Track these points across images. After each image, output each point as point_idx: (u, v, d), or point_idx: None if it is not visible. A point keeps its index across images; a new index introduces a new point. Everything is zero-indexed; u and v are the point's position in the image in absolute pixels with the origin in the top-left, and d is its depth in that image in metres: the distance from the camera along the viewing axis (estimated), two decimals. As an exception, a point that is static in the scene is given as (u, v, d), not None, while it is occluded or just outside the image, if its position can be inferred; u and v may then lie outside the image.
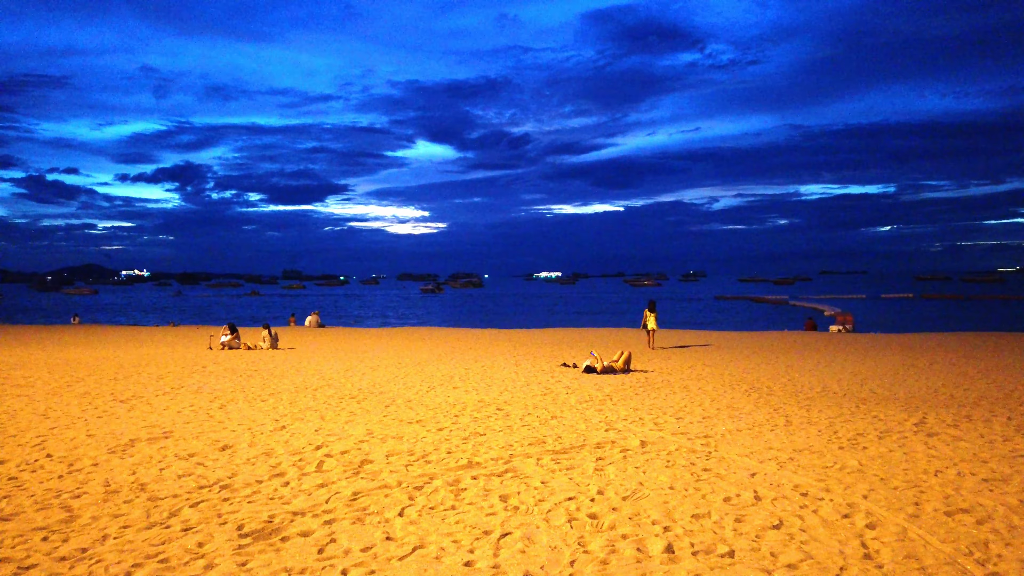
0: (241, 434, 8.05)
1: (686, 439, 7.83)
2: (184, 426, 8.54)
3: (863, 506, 5.34)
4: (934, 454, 7.20)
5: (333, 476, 6.17)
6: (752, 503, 5.40)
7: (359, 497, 5.55)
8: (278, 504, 5.36)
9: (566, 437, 7.88)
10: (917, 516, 5.14)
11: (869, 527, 4.91)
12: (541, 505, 5.34)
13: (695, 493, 5.66)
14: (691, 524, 4.96)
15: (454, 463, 6.62)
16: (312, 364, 16.79)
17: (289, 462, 6.68)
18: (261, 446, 7.41)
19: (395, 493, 5.66)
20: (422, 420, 9.02)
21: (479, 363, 17.21)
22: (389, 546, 4.56)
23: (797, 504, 5.38)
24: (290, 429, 8.39)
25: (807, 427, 8.75)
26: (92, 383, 12.71)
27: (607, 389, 12.51)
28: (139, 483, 5.94)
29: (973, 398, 11.82)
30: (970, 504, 5.42)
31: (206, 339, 23.39)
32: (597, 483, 5.94)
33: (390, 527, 4.89)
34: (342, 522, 4.99)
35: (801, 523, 4.98)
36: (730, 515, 5.14)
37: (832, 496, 5.59)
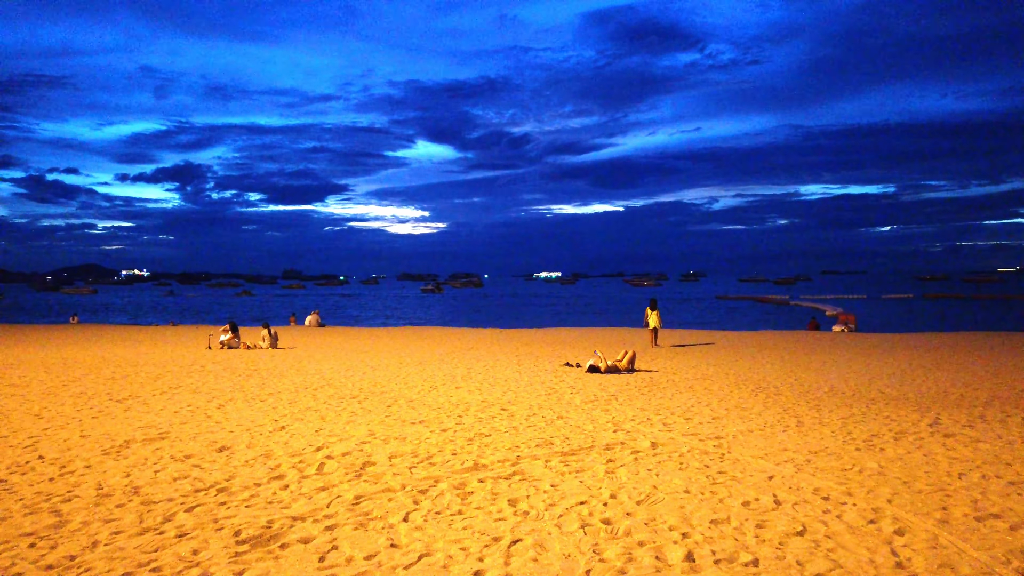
0: (239, 435, 7.81)
1: (697, 440, 7.60)
2: (181, 427, 8.31)
3: (889, 511, 5.10)
4: (954, 456, 6.97)
5: (334, 479, 5.92)
6: (772, 508, 5.16)
7: (361, 501, 5.30)
8: (277, 508, 5.12)
9: (574, 438, 7.65)
10: (946, 522, 4.90)
11: (897, 533, 4.68)
12: (552, 510, 5.10)
13: (712, 497, 5.42)
14: (710, 530, 4.72)
15: (459, 465, 6.38)
16: (312, 364, 16.56)
17: (288, 464, 6.43)
18: (260, 447, 7.17)
19: (399, 497, 5.41)
20: (425, 421, 8.78)
21: (481, 363, 16.99)
22: (394, 554, 4.32)
23: (819, 509, 5.15)
24: (290, 430, 8.15)
25: (820, 428, 8.52)
26: (88, 383, 12.49)
27: (612, 389, 12.29)
28: (132, 486, 5.70)
29: (984, 398, 11.61)
30: (1000, 509, 5.19)
31: (205, 339, 23.15)
32: (609, 486, 5.70)
33: (394, 533, 4.66)
34: (344, 528, 4.75)
35: (826, 529, 4.74)
36: (750, 521, 4.90)
37: (855, 500, 5.36)
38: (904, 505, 5.25)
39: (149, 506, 5.16)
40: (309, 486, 5.69)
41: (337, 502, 5.27)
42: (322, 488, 5.63)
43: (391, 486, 5.67)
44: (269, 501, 5.29)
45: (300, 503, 5.24)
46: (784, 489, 5.64)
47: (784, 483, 5.83)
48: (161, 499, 5.34)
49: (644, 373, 14.86)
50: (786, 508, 5.15)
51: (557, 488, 5.64)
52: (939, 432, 8.24)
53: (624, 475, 6.06)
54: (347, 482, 5.81)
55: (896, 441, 7.69)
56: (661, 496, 5.41)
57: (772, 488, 5.67)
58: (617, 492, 5.53)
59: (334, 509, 5.09)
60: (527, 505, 5.20)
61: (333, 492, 5.51)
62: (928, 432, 8.24)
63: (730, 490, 5.59)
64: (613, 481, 5.86)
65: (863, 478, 6.01)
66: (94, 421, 8.67)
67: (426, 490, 5.58)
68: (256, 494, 5.47)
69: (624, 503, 5.24)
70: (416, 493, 5.48)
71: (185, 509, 5.09)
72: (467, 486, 5.70)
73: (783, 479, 5.94)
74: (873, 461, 6.65)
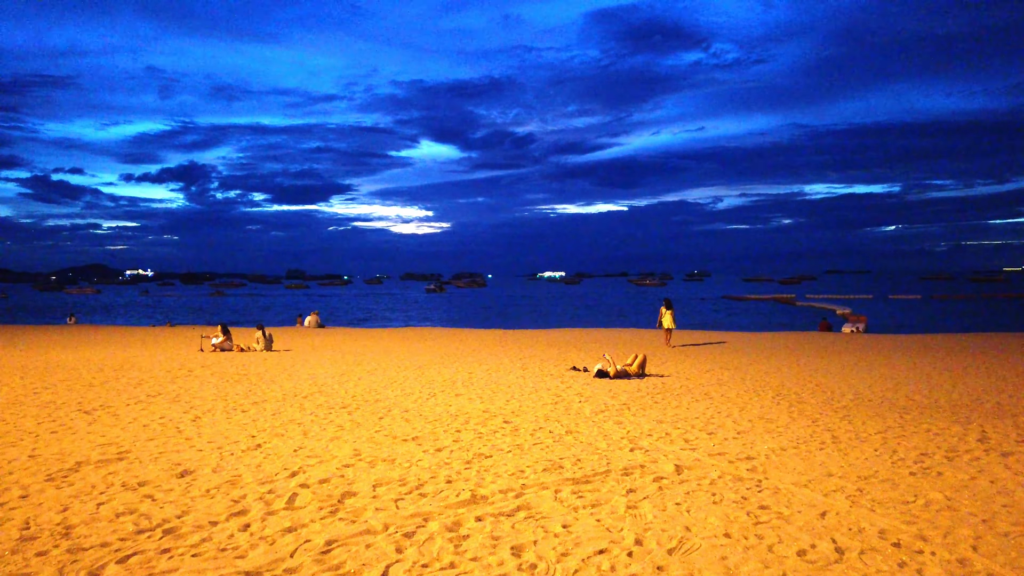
0: (208, 455, 6.90)
1: (726, 462, 6.67)
2: (145, 444, 7.41)
3: (979, 564, 4.16)
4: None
5: (305, 516, 4.99)
6: (835, 559, 4.21)
7: (333, 547, 4.37)
8: (229, 559, 4.19)
9: (586, 460, 6.72)
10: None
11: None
12: (565, 562, 4.16)
13: (758, 543, 4.48)
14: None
15: (454, 497, 5.44)
16: (306, 368, 15.69)
17: (255, 495, 5.50)
18: (227, 471, 6.25)
19: (379, 542, 4.47)
20: (419, 437, 7.85)
21: (483, 366, 16.10)
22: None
23: (893, 561, 4.20)
24: (266, 449, 7.23)
25: (859, 445, 7.60)
26: (62, 390, 11.62)
27: (623, 397, 11.38)
28: (66, 525, 4.79)
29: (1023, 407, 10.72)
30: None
31: (199, 341, 22.30)
32: (632, 527, 4.76)
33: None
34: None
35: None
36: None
37: (932, 548, 4.42)
38: (994, 554, 4.31)
39: (75, 555, 4.25)
40: (274, 526, 4.76)
41: (304, 549, 4.34)
42: (289, 529, 4.69)
43: (371, 526, 4.74)
44: (222, 548, 4.37)
45: (259, 551, 4.31)
46: (843, 531, 4.71)
47: (840, 522, 4.90)
48: (93, 544, 4.43)
49: (655, 378, 13.95)
50: (852, 560, 4.22)
51: (570, 530, 4.70)
52: (993, 450, 7.33)
53: (649, 511, 5.12)
54: (320, 520, 4.88)
55: (950, 462, 6.77)
56: (697, 542, 4.48)
57: (828, 530, 4.73)
58: (643, 536, 4.59)
59: (299, 560, 4.16)
60: (534, 555, 4.26)
61: (301, 535, 4.58)
62: (981, 450, 7.32)
63: (778, 533, 4.65)
64: (637, 520, 4.92)
65: (932, 515, 5.08)
66: (51, 437, 7.79)
67: (413, 532, 4.64)
68: (209, 537, 4.54)
69: (653, 552, 4.30)
70: (400, 537, 4.54)
71: (117, 560, 4.16)
72: (462, 526, 4.77)
73: (838, 517, 5.01)
74: (935, 490, 5.72)
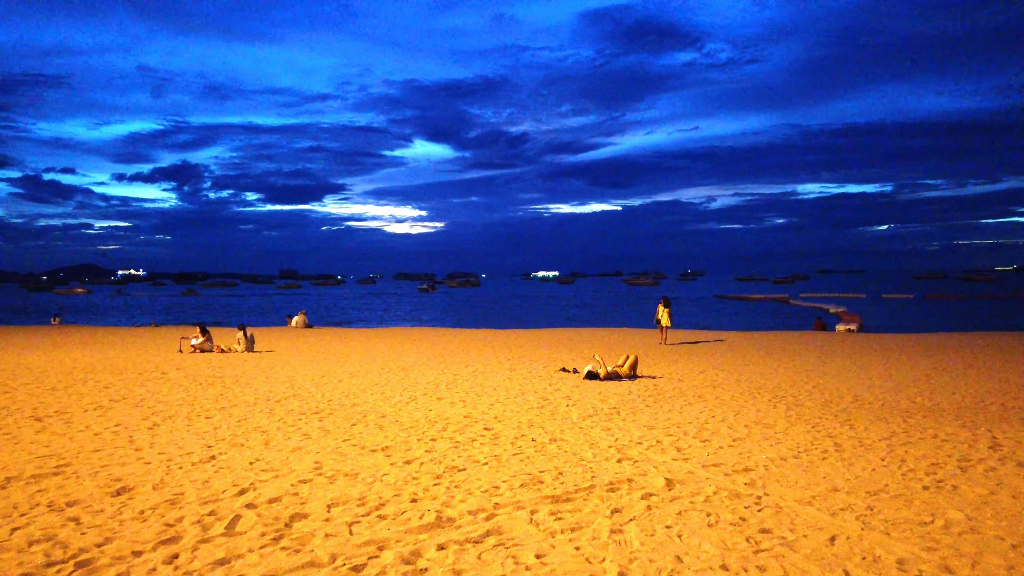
0: (154, 468, 6.28)
1: (722, 474, 6.11)
2: (89, 456, 6.79)
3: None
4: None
5: (244, 544, 4.37)
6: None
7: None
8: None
9: (569, 473, 6.14)
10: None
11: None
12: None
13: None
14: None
15: (417, 520, 4.83)
16: (286, 369, 15.08)
17: (193, 517, 4.88)
18: (170, 488, 5.64)
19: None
20: (390, 447, 7.24)
21: (470, 368, 15.53)
22: None
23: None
24: (219, 461, 6.61)
25: (864, 453, 7.06)
26: (20, 394, 10.98)
27: (613, 400, 10.83)
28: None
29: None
30: None
31: (178, 342, 21.63)
32: (616, 558, 4.17)
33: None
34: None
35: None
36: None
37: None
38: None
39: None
40: (205, 557, 4.14)
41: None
42: (221, 561, 4.08)
43: (317, 557, 4.13)
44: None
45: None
46: (856, 561, 4.13)
47: (852, 549, 4.33)
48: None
49: (647, 380, 13.41)
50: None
51: (544, 561, 4.10)
52: (1008, 460, 6.80)
53: (635, 536, 4.53)
54: (260, 549, 4.26)
55: (964, 473, 6.23)
56: (690, 575, 3.92)
57: (839, 559, 4.16)
58: (627, 568, 3.99)
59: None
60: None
61: (233, 569, 3.96)
62: (995, 459, 6.79)
63: (783, 564, 4.07)
64: (621, 548, 4.33)
65: (954, 539, 4.52)
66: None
67: (363, 565, 4.03)
68: (126, 572, 3.93)
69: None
70: (347, 571, 3.92)
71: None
72: (421, 557, 4.16)
73: (849, 542, 4.44)
74: (954, 508, 5.17)
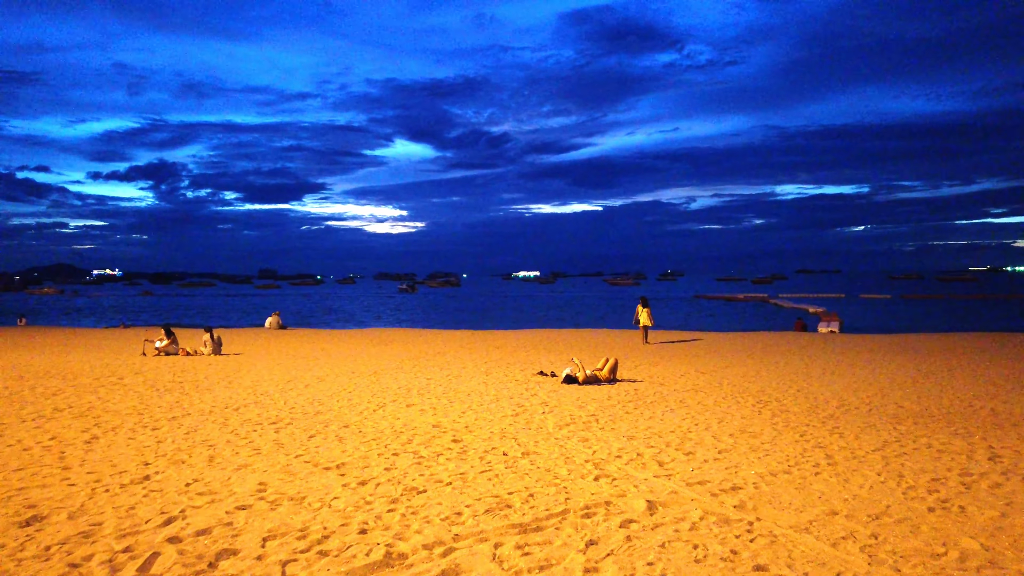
0: (78, 492, 5.68)
1: (708, 494, 5.68)
2: (8, 476, 6.14)
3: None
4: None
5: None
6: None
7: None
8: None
9: (541, 495, 5.67)
10: None
11: None
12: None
13: (749, 615, 3.49)
14: None
15: (363, 557, 4.28)
16: (251, 374, 14.48)
17: (105, 555, 4.29)
18: (88, 517, 5.03)
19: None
20: (346, 463, 6.70)
21: (444, 371, 15.04)
22: None
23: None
24: (154, 482, 6.03)
25: (859, 467, 6.69)
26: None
27: (591, 406, 10.40)
28: None
29: (1020, 414, 9.97)
30: None
31: (142, 344, 20.86)
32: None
33: None
34: None
35: None
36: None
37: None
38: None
39: None
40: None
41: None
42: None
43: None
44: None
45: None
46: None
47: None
48: None
49: (627, 384, 13.02)
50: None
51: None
52: (1012, 473, 6.44)
53: (613, 574, 4.09)
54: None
55: (968, 491, 5.85)
56: (670, 614, 3.47)
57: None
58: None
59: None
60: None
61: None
62: (998, 473, 6.44)
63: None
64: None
65: (974, 575, 4.11)
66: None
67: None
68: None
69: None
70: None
71: None
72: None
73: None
74: (965, 534, 4.74)
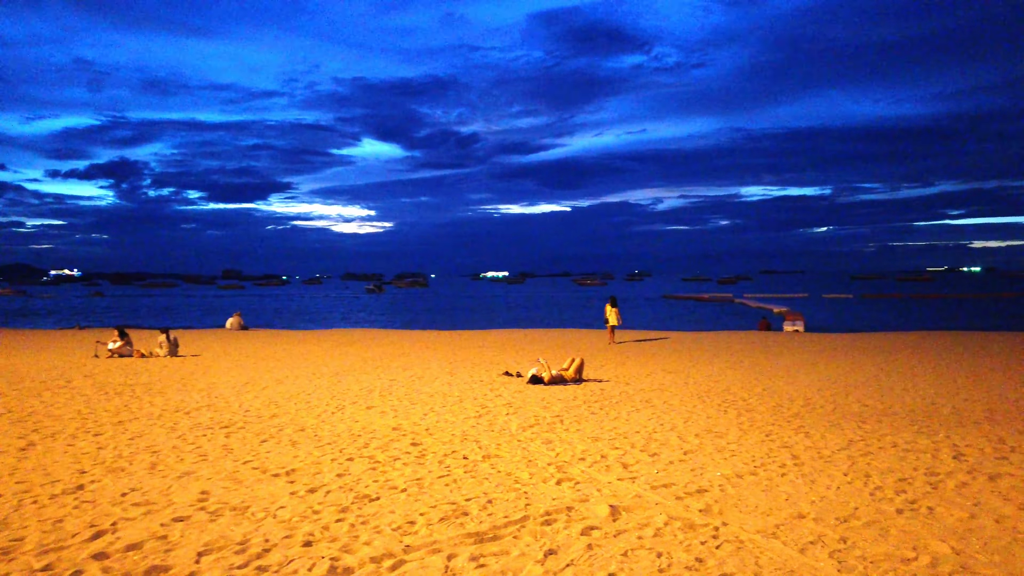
0: (2, 504, 5.19)
1: (673, 498, 5.50)
2: (-61, 485, 5.76)
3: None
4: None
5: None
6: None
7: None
8: None
9: (500, 500, 5.42)
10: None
11: None
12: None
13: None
14: None
15: (305, 572, 3.97)
16: (207, 377, 13.98)
17: (19, 575, 3.94)
18: (10, 531, 4.61)
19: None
20: (296, 470, 6.37)
21: (408, 372, 14.72)
22: None
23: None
24: (86, 492, 5.63)
25: (825, 467, 6.58)
26: None
27: (556, 407, 10.21)
28: None
29: (982, 412, 10.04)
30: None
31: (94, 346, 20.10)
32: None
33: None
34: None
35: None
36: None
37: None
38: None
39: None
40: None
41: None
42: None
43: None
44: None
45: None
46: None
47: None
48: None
49: (594, 384, 12.87)
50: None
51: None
52: (978, 472, 6.38)
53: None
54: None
55: (935, 491, 5.75)
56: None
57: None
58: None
59: None
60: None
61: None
62: (964, 472, 6.37)
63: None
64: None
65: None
66: None
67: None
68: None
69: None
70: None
71: None
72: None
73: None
74: (935, 537, 4.59)
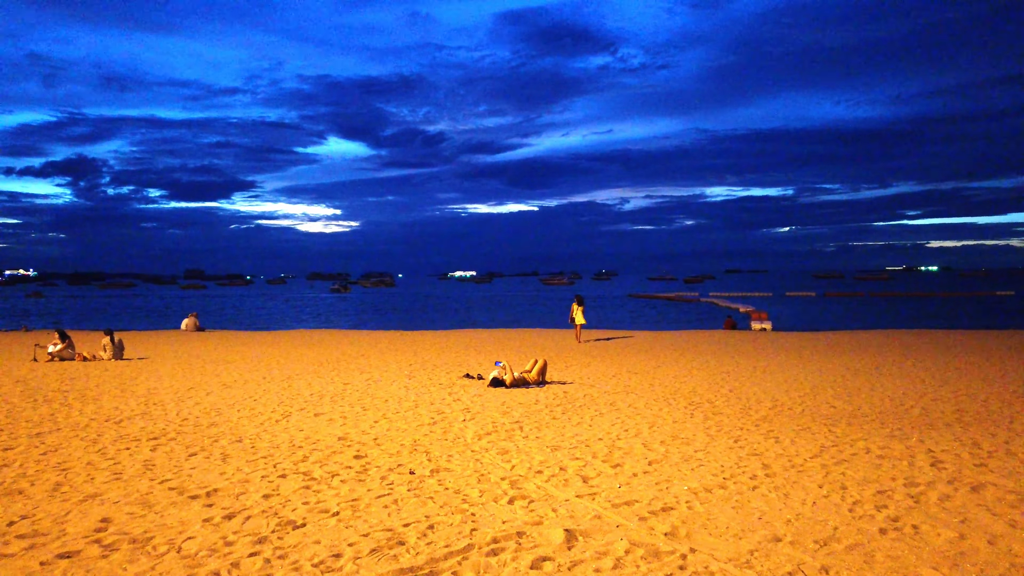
0: None
1: (636, 518, 4.98)
2: None
3: None
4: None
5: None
6: None
7: None
8: None
9: (443, 525, 4.83)
10: None
11: None
12: None
13: None
14: None
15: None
16: (149, 381, 13.15)
17: None
18: None
19: None
20: (219, 489, 5.71)
21: (364, 375, 14.07)
22: None
23: None
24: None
25: (798, 478, 6.16)
26: None
27: (517, 412, 9.69)
28: None
29: (952, 412, 9.80)
30: None
31: (33, 349, 19.00)
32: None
33: None
34: None
35: None
36: None
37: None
38: None
39: None
40: None
41: None
42: None
43: None
44: None
45: None
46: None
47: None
48: None
49: (557, 386, 12.39)
50: None
51: None
52: (960, 483, 5.95)
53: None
54: None
55: (918, 504, 5.32)
56: None
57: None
58: None
59: None
60: None
61: None
62: (944, 483, 5.93)
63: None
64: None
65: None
66: None
67: None
68: None
69: None
70: None
71: None
72: None
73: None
74: (924, 563, 4.11)
